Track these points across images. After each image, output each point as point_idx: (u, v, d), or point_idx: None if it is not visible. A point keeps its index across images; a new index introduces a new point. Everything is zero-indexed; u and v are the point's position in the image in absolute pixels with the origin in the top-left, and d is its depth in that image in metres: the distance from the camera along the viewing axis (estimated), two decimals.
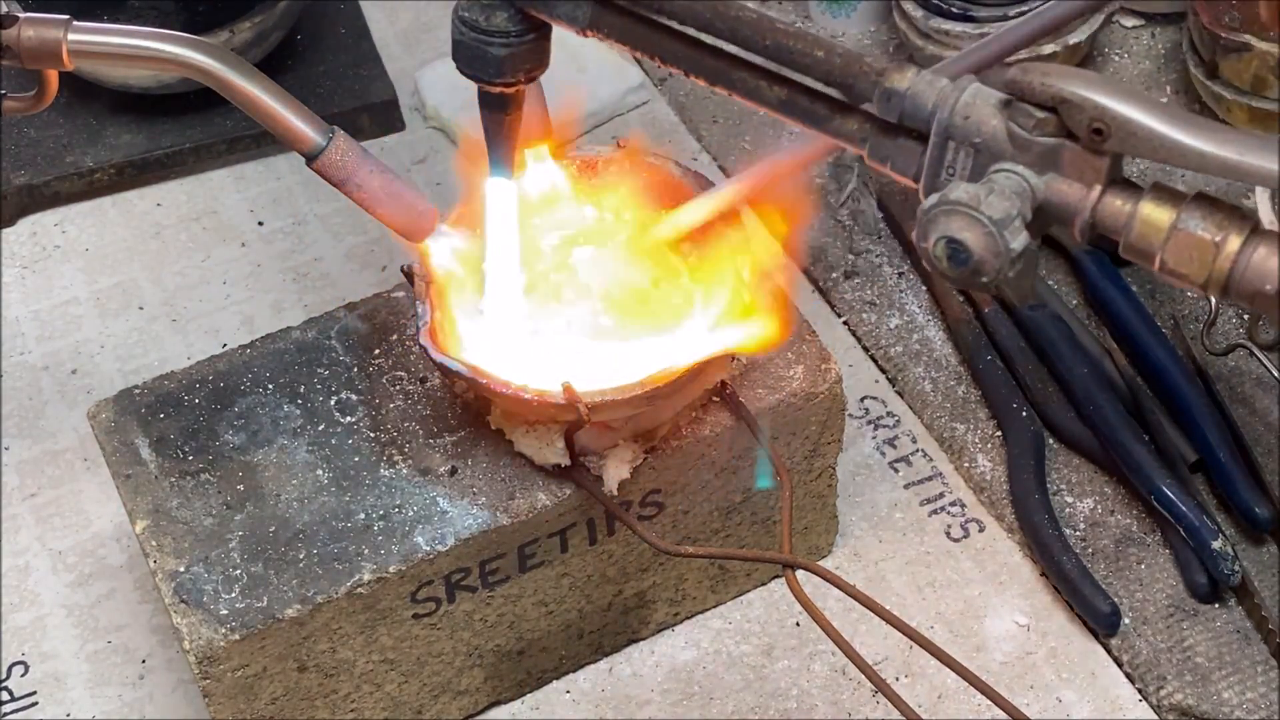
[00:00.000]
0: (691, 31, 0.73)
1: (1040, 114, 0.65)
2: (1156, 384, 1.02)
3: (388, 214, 0.86)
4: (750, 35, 0.71)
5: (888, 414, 1.06)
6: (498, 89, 0.80)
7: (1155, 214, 0.63)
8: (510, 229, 0.88)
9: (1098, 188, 0.64)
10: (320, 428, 0.89)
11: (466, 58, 0.79)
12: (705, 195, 0.89)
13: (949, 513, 1.01)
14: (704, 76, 0.74)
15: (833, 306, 1.12)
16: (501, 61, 0.78)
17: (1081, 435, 1.01)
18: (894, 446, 1.05)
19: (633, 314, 0.91)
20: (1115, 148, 0.63)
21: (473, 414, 0.89)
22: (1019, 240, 0.64)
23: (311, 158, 0.84)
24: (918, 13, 1.19)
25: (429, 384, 0.91)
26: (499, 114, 0.81)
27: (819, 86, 0.71)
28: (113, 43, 0.84)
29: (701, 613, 0.97)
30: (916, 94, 0.68)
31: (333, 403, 0.91)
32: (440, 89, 1.24)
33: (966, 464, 1.03)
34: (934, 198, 0.65)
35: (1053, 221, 0.66)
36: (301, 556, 0.84)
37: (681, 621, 0.97)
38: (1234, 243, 0.61)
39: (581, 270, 0.92)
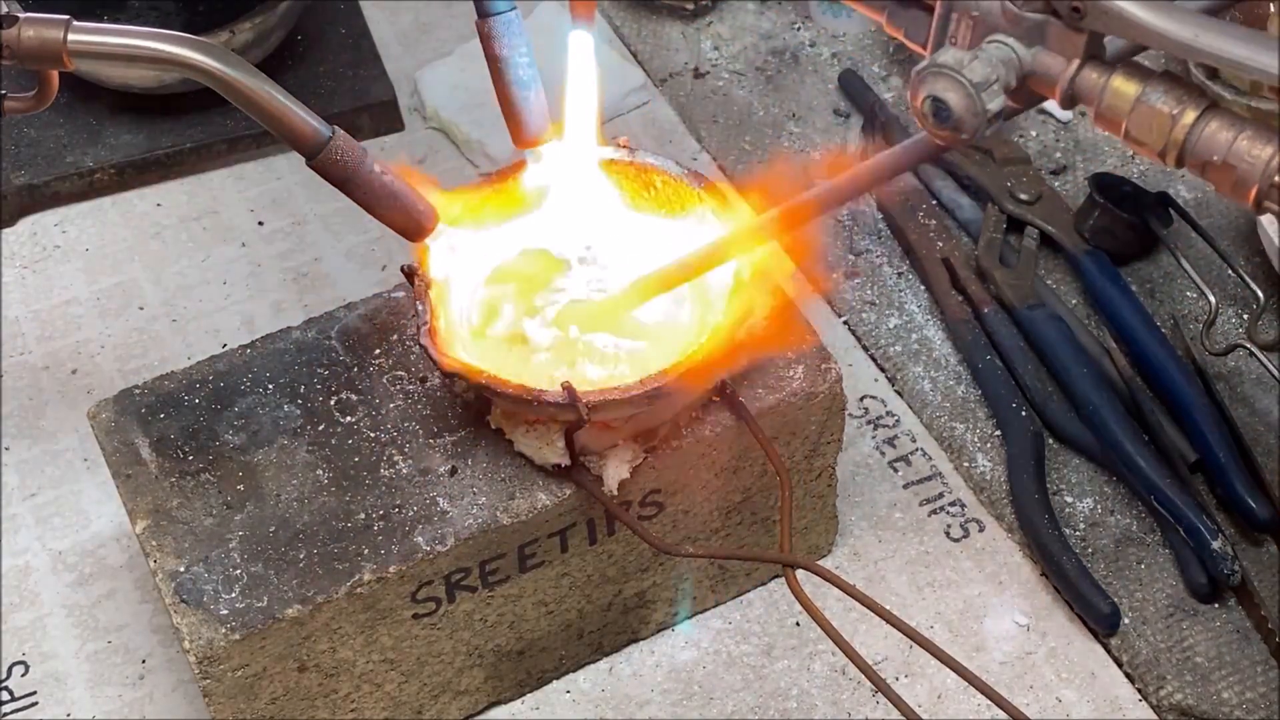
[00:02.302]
0: None
1: None
2: (1156, 384, 1.02)
3: (388, 214, 0.86)
4: None
5: (887, 414, 1.06)
6: None
7: (1124, 87, 0.68)
8: (591, 77, 0.91)
9: (1076, 61, 0.70)
10: (320, 428, 0.89)
11: None
12: (690, 252, 0.89)
13: (949, 512, 1.01)
14: None
15: (833, 306, 1.12)
16: None
17: (1081, 435, 1.01)
18: (894, 446, 1.05)
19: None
20: (1092, 25, 0.69)
21: (473, 414, 0.89)
22: (995, 102, 0.70)
23: (311, 157, 0.84)
24: None
25: (429, 384, 0.91)
26: None
27: None
28: (113, 43, 0.83)
29: (701, 613, 0.97)
30: None
31: (333, 403, 0.91)
32: (440, 89, 1.24)
33: (966, 464, 1.03)
34: (925, 61, 0.71)
35: (1039, 91, 0.71)
36: (301, 556, 0.84)
37: (681, 621, 0.97)
38: (1189, 116, 0.67)
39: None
